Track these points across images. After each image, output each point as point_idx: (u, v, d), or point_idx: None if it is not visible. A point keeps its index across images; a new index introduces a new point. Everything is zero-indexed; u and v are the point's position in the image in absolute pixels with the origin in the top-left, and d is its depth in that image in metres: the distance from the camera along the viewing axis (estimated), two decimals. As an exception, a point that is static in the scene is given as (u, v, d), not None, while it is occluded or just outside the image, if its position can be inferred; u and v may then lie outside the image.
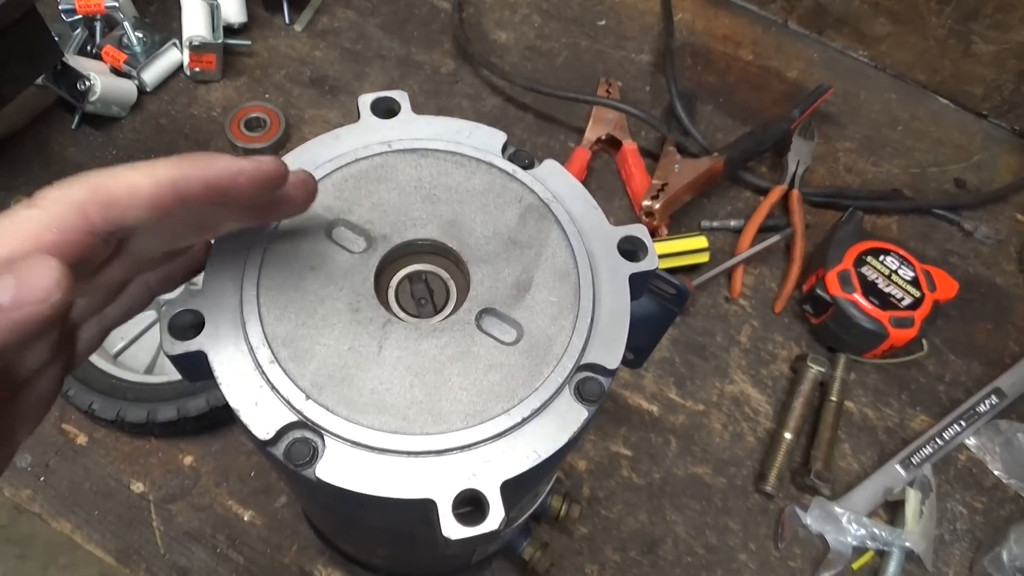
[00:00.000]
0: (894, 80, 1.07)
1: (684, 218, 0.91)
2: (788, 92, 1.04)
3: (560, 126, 0.97)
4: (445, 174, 0.40)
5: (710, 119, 1.01)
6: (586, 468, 0.75)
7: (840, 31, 1.07)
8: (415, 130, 0.41)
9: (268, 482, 0.71)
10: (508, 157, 0.41)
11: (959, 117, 1.05)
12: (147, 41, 0.91)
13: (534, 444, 0.34)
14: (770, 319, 0.86)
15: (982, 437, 0.80)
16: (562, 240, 0.39)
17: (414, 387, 0.34)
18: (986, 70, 1.00)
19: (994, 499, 0.78)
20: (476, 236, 0.38)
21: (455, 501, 0.32)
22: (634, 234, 0.39)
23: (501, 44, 1.04)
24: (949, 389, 0.84)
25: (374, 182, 0.39)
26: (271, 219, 0.36)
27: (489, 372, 0.35)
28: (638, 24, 1.08)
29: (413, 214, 0.38)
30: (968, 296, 0.90)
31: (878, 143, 1.01)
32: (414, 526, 0.38)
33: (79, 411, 0.67)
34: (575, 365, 0.35)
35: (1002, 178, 1.00)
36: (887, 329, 0.78)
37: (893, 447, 0.80)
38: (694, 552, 0.73)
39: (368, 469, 0.32)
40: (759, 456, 0.78)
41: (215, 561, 0.67)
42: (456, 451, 0.33)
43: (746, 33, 1.09)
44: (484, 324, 0.36)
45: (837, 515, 0.73)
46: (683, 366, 0.82)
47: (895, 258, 0.82)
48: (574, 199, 0.41)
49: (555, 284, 0.37)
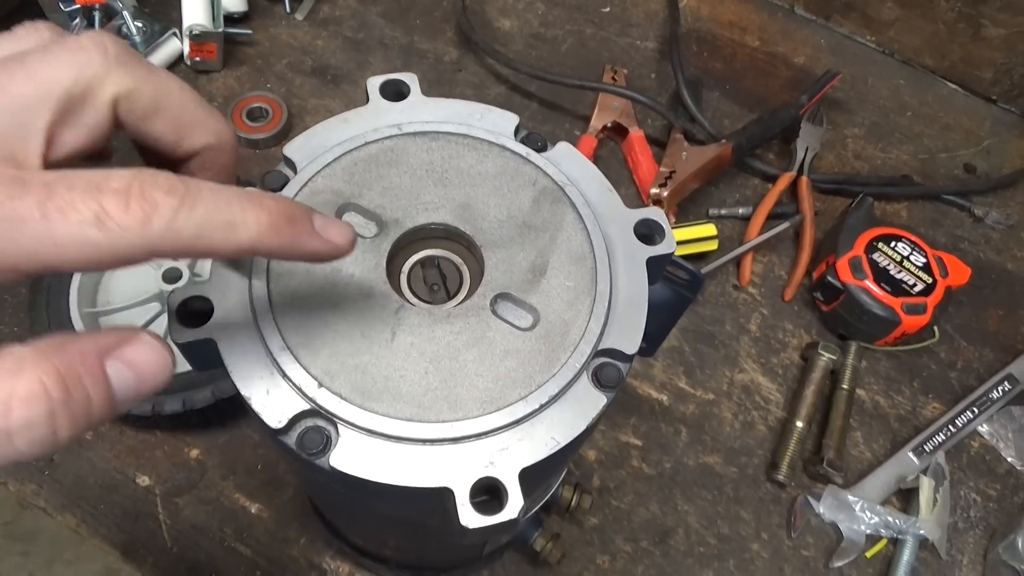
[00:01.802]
0: (902, 65, 1.06)
1: (692, 206, 0.90)
2: (795, 78, 1.03)
3: (565, 114, 0.96)
4: (457, 157, 0.39)
5: (717, 106, 1.00)
6: (596, 458, 0.75)
7: (847, 16, 1.06)
8: (425, 113, 0.40)
9: (275, 474, 0.70)
10: (521, 140, 0.41)
11: (968, 102, 1.04)
12: (146, 31, 0.90)
13: (552, 431, 0.33)
14: (780, 307, 0.85)
15: (995, 424, 0.80)
16: (577, 223, 0.38)
17: (429, 374, 0.33)
18: (996, 54, 0.99)
19: (1008, 486, 0.78)
20: (489, 220, 0.37)
21: (472, 490, 0.31)
22: (651, 217, 0.39)
23: (505, 32, 1.03)
24: (961, 376, 0.83)
25: (384, 166, 0.38)
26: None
27: (505, 358, 0.34)
28: (643, 11, 1.06)
29: (425, 198, 0.38)
30: (979, 282, 0.89)
31: (887, 129, 1.00)
32: (429, 516, 0.37)
33: (84, 404, 0.66)
34: (592, 350, 0.35)
35: (1012, 163, 0.99)
36: (899, 316, 0.77)
37: (906, 435, 0.79)
38: (706, 542, 0.72)
39: (383, 458, 0.32)
40: (770, 445, 0.77)
41: (223, 554, 0.67)
42: (473, 439, 0.32)
43: (752, 19, 1.08)
44: (499, 309, 0.35)
45: (850, 503, 0.72)
46: (693, 355, 0.81)
47: (907, 244, 0.81)
48: (589, 182, 0.40)
49: (571, 268, 0.36)
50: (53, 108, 0.25)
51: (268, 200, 0.27)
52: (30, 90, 0.24)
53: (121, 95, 0.26)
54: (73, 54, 0.25)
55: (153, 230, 0.23)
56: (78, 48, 0.25)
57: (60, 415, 0.22)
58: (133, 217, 0.23)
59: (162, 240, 0.24)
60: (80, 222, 0.22)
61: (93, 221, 0.22)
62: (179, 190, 0.24)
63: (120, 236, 0.23)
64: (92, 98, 0.25)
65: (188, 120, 0.29)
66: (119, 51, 0.26)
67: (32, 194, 0.22)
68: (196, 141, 0.29)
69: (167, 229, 0.24)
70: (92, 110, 0.25)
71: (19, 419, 0.21)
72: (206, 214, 0.25)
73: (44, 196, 0.22)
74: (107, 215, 0.23)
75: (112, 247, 0.23)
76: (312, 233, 0.28)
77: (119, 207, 0.23)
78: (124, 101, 0.26)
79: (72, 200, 0.22)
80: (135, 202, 0.23)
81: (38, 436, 0.22)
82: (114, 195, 0.23)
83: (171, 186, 0.24)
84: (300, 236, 0.28)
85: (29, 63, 0.25)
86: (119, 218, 0.23)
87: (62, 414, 0.22)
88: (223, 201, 0.25)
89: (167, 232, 0.24)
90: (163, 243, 0.24)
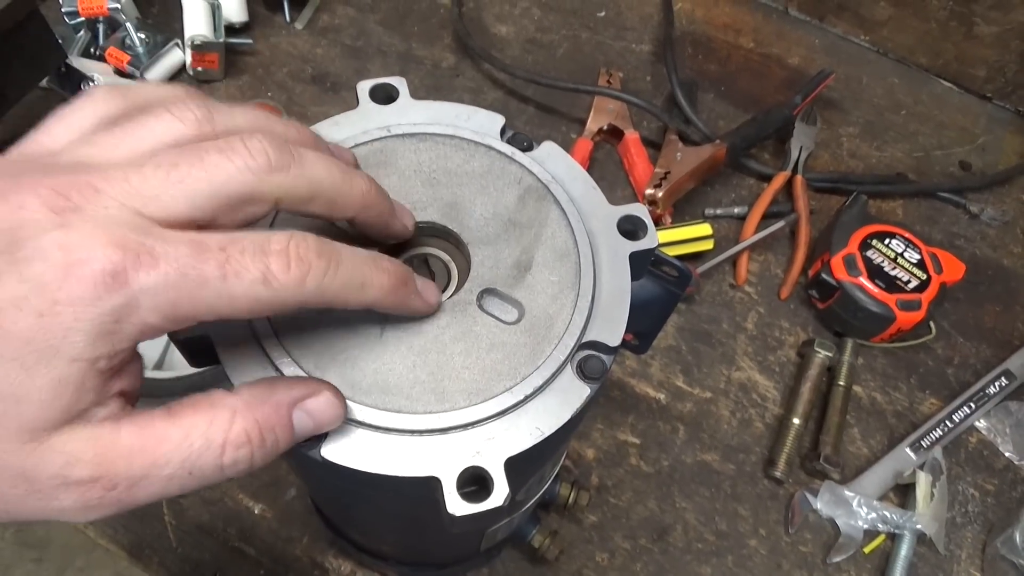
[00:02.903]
0: (896, 64, 1.07)
1: (688, 206, 0.91)
2: (790, 79, 1.04)
3: (562, 117, 0.97)
4: (444, 157, 0.40)
5: (712, 107, 1.01)
6: (594, 457, 0.76)
7: (841, 16, 1.07)
8: (413, 115, 0.42)
9: (278, 476, 0.71)
10: (507, 140, 0.42)
11: (962, 100, 1.05)
12: (149, 42, 0.92)
13: (537, 421, 0.34)
14: (776, 305, 0.86)
15: (992, 419, 0.80)
16: (561, 220, 0.39)
17: (416, 367, 0.34)
18: (988, 51, 0.99)
19: (1005, 481, 0.78)
20: (476, 218, 0.38)
21: (460, 479, 0.32)
22: (633, 213, 0.40)
23: (501, 37, 1.04)
24: (958, 372, 0.84)
25: (374, 167, 0.39)
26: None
27: (491, 351, 0.35)
28: (637, 14, 1.08)
29: (413, 197, 0.39)
30: (975, 278, 0.89)
31: (881, 127, 1.01)
32: (420, 506, 0.38)
33: (89, 408, 0.67)
34: (576, 343, 0.36)
35: (1007, 160, 1.00)
36: (894, 312, 0.78)
37: (903, 431, 0.79)
38: (704, 539, 0.72)
39: (373, 449, 0.32)
40: (768, 442, 0.78)
41: (227, 554, 0.68)
42: (460, 429, 0.33)
43: (747, 21, 1.09)
44: (485, 304, 0.36)
45: (847, 499, 0.72)
46: (689, 354, 0.82)
47: (900, 241, 0.81)
48: (573, 180, 0.41)
49: (555, 264, 0.37)
50: (224, 203, 0.28)
51: (388, 264, 0.32)
52: (205, 185, 0.27)
53: (280, 196, 0.30)
54: (243, 161, 0.28)
55: (307, 288, 0.28)
56: (247, 157, 0.29)
57: (256, 455, 0.29)
58: (292, 277, 0.28)
59: (312, 296, 0.28)
60: (252, 281, 0.27)
61: (261, 280, 0.27)
62: (327, 253, 0.29)
63: (281, 292, 0.28)
64: (256, 201, 0.29)
65: (339, 202, 0.32)
66: (279, 156, 0.29)
67: (213, 258, 0.26)
68: (347, 213, 0.33)
69: (317, 287, 0.28)
70: (255, 207, 0.29)
71: (229, 459, 0.28)
72: (347, 276, 0.29)
73: (223, 259, 0.26)
74: (273, 275, 0.27)
75: (273, 301, 0.28)
76: (417, 294, 0.34)
77: (282, 268, 0.27)
78: (284, 200, 0.30)
79: (245, 263, 0.27)
80: (294, 264, 0.28)
81: (240, 469, 0.29)
82: (276, 257, 0.27)
83: (320, 249, 0.29)
84: (409, 296, 0.33)
85: (207, 159, 0.28)
86: (282, 278, 0.27)
87: (258, 455, 0.29)
88: (358, 264, 0.30)
89: (317, 290, 0.28)
90: (312, 298, 0.29)
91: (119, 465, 0.26)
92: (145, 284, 0.25)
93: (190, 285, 0.25)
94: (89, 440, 0.25)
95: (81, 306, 0.24)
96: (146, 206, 0.26)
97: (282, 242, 0.28)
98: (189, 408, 0.28)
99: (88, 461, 0.25)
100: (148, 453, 0.26)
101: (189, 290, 0.26)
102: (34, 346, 0.24)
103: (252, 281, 0.27)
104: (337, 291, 0.29)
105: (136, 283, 0.24)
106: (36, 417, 0.24)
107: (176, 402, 0.28)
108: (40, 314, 0.24)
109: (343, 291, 0.30)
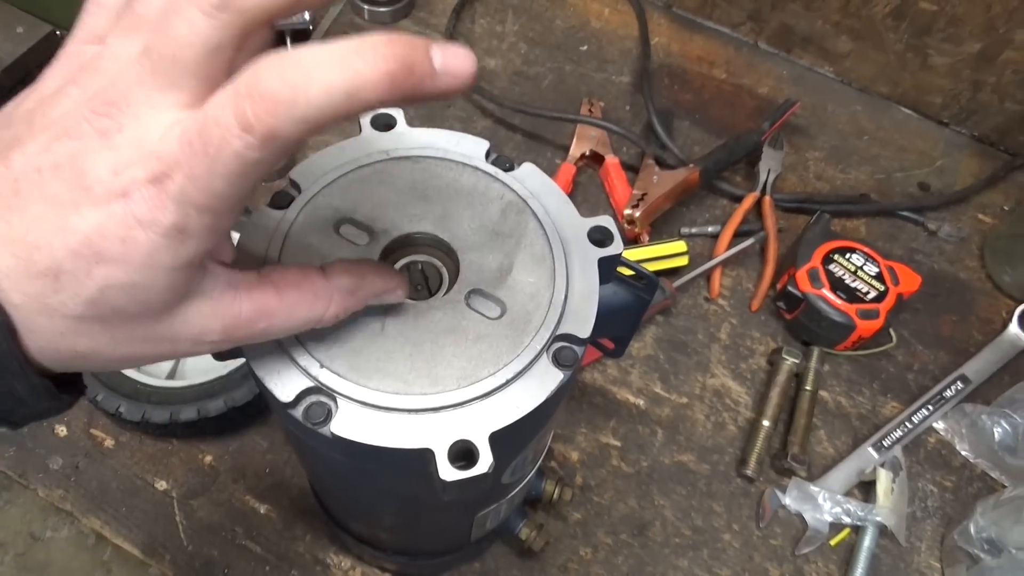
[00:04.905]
0: (859, 93, 1.14)
1: (664, 225, 0.97)
2: (759, 107, 1.11)
3: (547, 144, 1.04)
4: (436, 177, 0.46)
5: (687, 134, 1.07)
6: (579, 459, 0.81)
7: (807, 49, 1.14)
8: (409, 141, 0.48)
9: (282, 478, 0.76)
10: (491, 162, 0.48)
11: (921, 125, 1.12)
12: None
13: (517, 401, 0.39)
14: (747, 317, 0.92)
15: (950, 420, 0.86)
16: (538, 230, 0.45)
17: (413, 356, 0.40)
18: (943, 80, 1.07)
19: (962, 478, 0.83)
20: (464, 229, 0.44)
21: (451, 450, 0.37)
22: (602, 224, 0.45)
23: (490, 70, 1.11)
24: (918, 377, 0.90)
25: (375, 185, 0.45)
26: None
27: (478, 342, 0.41)
28: (618, 48, 1.15)
29: (409, 211, 0.45)
30: (933, 291, 0.96)
31: (846, 152, 1.08)
32: (415, 480, 0.44)
33: (107, 414, 0.72)
34: (552, 335, 0.41)
35: (963, 180, 1.07)
36: (854, 321, 0.84)
37: (866, 432, 0.85)
38: (681, 533, 0.77)
39: (375, 425, 0.38)
40: (740, 443, 0.83)
41: (234, 551, 0.72)
42: (450, 408, 0.38)
43: (719, 53, 1.17)
44: (472, 302, 0.42)
45: (814, 494, 0.78)
46: (667, 362, 0.88)
47: (860, 255, 0.88)
48: (549, 196, 0.47)
49: (533, 267, 0.43)
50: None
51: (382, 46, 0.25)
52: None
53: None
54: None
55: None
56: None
57: (333, 321, 0.38)
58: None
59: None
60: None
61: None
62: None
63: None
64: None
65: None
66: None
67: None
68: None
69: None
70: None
71: (318, 327, 0.38)
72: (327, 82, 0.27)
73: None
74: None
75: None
76: (432, 73, 0.26)
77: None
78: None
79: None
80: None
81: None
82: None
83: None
84: (423, 79, 0.26)
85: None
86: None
87: (334, 321, 0.38)
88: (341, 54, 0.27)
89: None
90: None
91: (240, 332, 0.34)
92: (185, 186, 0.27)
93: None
94: (214, 315, 0.33)
95: (148, 223, 0.28)
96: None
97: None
98: (294, 289, 0.35)
99: (216, 330, 0.33)
100: (262, 324, 0.34)
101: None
102: (136, 256, 0.28)
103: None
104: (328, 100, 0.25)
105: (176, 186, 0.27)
106: (158, 300, 0.30)
107: (280, 277, 0.35)
108: (123, 240, 0.28)
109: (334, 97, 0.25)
